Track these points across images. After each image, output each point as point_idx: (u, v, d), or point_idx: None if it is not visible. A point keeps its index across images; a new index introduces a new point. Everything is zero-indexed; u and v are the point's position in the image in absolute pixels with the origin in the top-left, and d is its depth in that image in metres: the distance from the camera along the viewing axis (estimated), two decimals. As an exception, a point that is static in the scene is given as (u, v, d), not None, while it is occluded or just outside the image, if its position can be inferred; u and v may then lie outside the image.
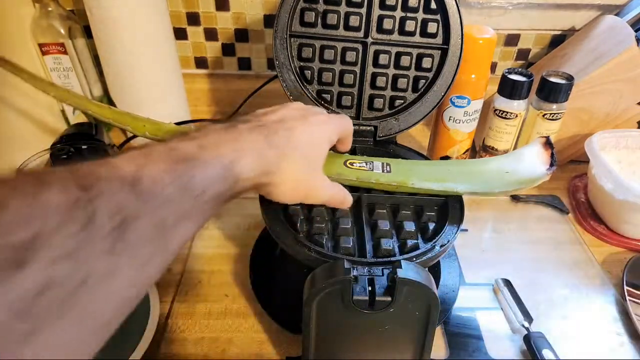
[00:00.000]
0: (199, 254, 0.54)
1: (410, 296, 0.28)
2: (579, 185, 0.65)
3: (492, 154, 0.64)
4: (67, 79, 0.68)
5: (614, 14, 0.69)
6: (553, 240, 0.57)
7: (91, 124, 0.58)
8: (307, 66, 0.51)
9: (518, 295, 0.48)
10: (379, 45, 0.50)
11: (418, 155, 0.52)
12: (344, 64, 0.51)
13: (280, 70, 0.50)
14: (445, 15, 0.48)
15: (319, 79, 0.51)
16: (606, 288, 0.51)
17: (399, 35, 0.50)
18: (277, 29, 0.48)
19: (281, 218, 0.40)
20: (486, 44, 0.53)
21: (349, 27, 0.49)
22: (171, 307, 0.47)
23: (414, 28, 0.49)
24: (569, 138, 0.65)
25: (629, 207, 0.53)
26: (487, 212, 0.62)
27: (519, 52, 0.77)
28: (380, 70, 0.51)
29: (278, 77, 0.50)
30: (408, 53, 0.50)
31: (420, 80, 0.51)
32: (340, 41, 0.50)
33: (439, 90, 0.51)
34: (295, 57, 0.50)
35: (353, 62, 0.51)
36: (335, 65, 0.51)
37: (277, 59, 0.49)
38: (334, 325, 0.35)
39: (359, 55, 0.50)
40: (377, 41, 0.50)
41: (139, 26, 0.61)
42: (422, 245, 0.39)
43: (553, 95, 0.58)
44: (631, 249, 0.55)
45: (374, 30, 0.50)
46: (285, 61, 0.50)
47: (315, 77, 0.51)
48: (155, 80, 0.66)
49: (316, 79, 0.51)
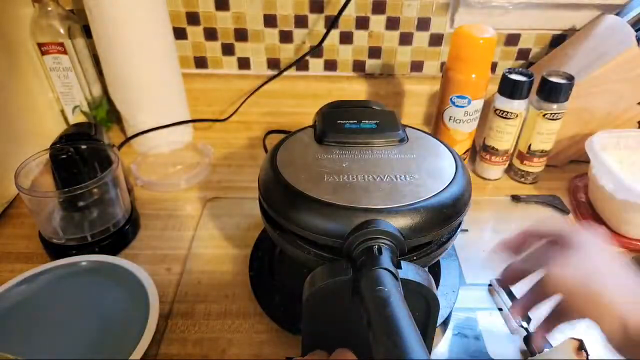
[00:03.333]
0: (199, 254, 0.54)
1: (410, 296, 0.28)
2: (579, 185, 0.65)
3: (493, 154, 0.64)
4: (66, 78, 0.68)
5: (614, 13, 0.69)
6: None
7: (90, 124, 0.58)
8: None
9: (515, 296, 0.47)
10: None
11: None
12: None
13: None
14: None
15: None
16: (607, 288, 0.50)
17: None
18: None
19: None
20: (486, 44, 0.53)
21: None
22: (171, 307, 0.47)
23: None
24: (570, 138, 0.65)
25: (630, 207, 0.53)
26: (488, 212, 0.62)
27: (520, 51, 0.76)
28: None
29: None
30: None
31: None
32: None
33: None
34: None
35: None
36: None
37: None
38: (333, 325, 0.34)
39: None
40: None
41: (139, 26, 0.61)
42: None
43: (553, 95, 0.58)
44: (631, 249, 0.55)
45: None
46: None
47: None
48: (155, 80, 0.66)
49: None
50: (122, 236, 0.54)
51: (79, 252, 0.51)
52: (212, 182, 0.65)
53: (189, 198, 0.62)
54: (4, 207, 0.59)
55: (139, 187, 0.64)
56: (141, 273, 0.47)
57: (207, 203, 0.61)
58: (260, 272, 0.49)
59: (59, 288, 0.47)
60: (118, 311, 0.45)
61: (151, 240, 0.56)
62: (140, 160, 0.68)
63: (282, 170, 0.40)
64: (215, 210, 0.60)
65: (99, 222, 0.53)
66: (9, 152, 0.59)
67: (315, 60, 0.77)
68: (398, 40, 0.75)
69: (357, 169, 0.40)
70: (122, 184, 0.54)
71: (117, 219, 0.54)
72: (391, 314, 0.26)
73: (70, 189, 0.48)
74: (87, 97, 0.71)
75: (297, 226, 0.37)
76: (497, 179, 0.67)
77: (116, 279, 0.48)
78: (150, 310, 0.43)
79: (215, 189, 0.64)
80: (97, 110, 0.73)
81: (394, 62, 0.78)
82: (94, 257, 0.50)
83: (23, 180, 0.50)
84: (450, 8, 0.72)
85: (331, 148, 0.43)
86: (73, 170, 0.52)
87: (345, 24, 0.73)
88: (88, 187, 0.49)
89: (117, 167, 0.52)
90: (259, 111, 0.78)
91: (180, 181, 0.64)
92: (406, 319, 0.26)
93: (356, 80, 0.78)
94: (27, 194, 0.49)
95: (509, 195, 0.64)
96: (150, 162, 0.69)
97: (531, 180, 0.66)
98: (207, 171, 0.67)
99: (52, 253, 0.52)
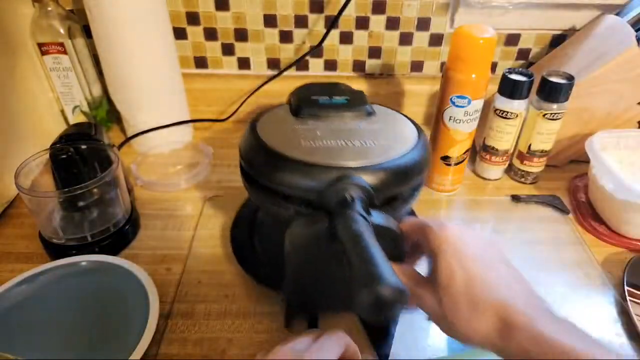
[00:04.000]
0: (199, 253, 0.54)
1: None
2: (579, 185, 0.65)
3: (493, 154, 0.64)
4: (66, 78, 0.68)
5: (614, 13, 0.69)
6: (553, 241, 0.57)
7: (91, 124, 0.57)
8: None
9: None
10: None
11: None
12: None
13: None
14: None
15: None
16: (606, 288, 0.50)
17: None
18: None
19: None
20: (486, 44, 0.53)
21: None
22: (171, 307, 0.47)
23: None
24: (570, 138, 0.65)
25: (630, 207, 0.53)
26: (488, 212, 0.62)
27: (520, 51, 0.76)
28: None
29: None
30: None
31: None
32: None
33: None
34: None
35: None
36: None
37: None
38: (313, 283, 0.40)
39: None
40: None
41: (139, 26, 0.61)
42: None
43: (553, 95, 0.58)
44: (632, 249, 0.55)
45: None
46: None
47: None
48: (155, 80, 0.66)
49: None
50: (122, 236, 0.54)
51: (79, 252, 0.51)
52: (212, 182, 0.65)
53: (189, 198, 0.62)
54: (4, 207, 0.59)
55: (139, 187, 0.64)
56: (141, 273, 0.47)
57: (207, 203, 0.61)
58: (242, 241, 0.53)
59: (59, 288, 0.47)
60: (118, 311, 0.45)
61: (151, 240, 0.56)
62: (140, 160, 0.68)
63: (262, 136, 0.44)
64: (215, 210, 0.60)
65: (99, 222, 0.53)
66: (9, 152, 0.59)
67: (315, 60, 0.77)
68: (398, 40, 0.75)
69: (330, 136, 0.44)
70: (122, 184, 0.54)
71: (117, 219, 0.54)
72: (365, 245, 0.30)
73: (70, 189, 0.48)
74: (87, 97, 0.71)
75: (279, 185, 0.41)
76: (497, 179, 0.67)
77: (116, 279, 0.48)
78: (150, 310, 0.43)
79: (215, 188, 0.64)
80: (97, 110, 0.73)
81: (394, 62, 0.78)
82: (94, 257, 0.50)
83: (23, 180, 0.50)
84: (450, 8, 0.72)
85: (306, 120, 0.47)
86: (73, 170, 0.52)
87: (345, 24, 0.73)
88: (88, 187, 0.49)
89: (117, 167, 0.52)
90: (259, 111, 0.78)
91: (180, 181, 0.64)
92: (379, 250, 0.30)
93: (356, 80, 0.78)
94: (27, 194, 0.49)
95: (509, 195, 0.64)
96: (150, 162, 0.69)
97: (531, 180, 0.66)
98: (207, 171, 0.67)
99: (52, 253, 0.52)
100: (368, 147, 0.43)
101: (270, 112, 0.51)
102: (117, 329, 0.43)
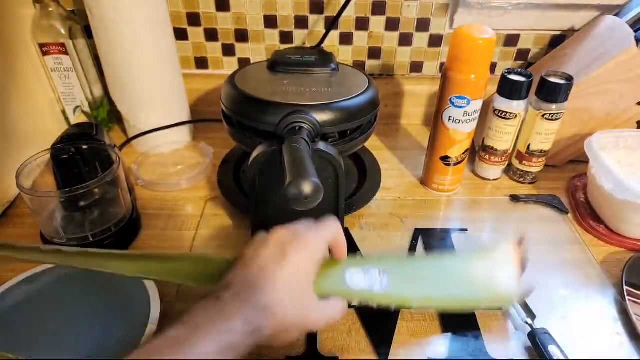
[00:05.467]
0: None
1: (323, 166, 0.41)
2: (578, 185, 0.65)
3: (492, 154, 0.64)
4: (67, 79, 0.68)
5: (613, 14, 0.69)
6: (553, 240, 0.57)
7: (91, 124, 0.58)
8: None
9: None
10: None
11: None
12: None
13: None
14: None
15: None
16: (606, 288, 0.51)
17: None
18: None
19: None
20: (486, 44, 0.53)
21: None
22: (171, 307, 0.47)
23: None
24: (569, 138, 0.65)
25: (629, 207, 0.53)
26: (487, 212, 0.62)
27: (519, 52, 0.77)
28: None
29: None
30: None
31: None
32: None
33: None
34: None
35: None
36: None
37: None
38: (272, 199, 0.50)
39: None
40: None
41: (139, 26, 0.61)
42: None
43: (552, 96, 0.58)
44: (631, 249, 0.55)
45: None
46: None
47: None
48: (155, 81, 0.66)
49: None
50: (123, 236, 0.54)
51: (80, 252, 0.51)
52: (212, 182, 0.65)
53: (189, 198, 0.63)
54: (5, 207, 0.59)
55: (139, 187, 0.64)
56: (142, 273, 0.47)
57: (208, 203, 0.62)
58: (228, 182, 0.62)
59: (59, 288, 0.47)
60: (118, 311, 0.45)
61: (152, 240, 0.56)
62: (141, 160, 0.68)
63: (237, 83, 0.54)
64: (216, 210, 0.60)
65: (100, 222, 0.53)
66: (10, 152, 0.59)
67: (315, 60, 0.77)
68: (397, 40, 0.75)
69: (294, 84, 0.54)
70: (123, 183, 0.54)
71: (118, 219, 0.54)
72: (299, 155, 0.40)
73: (71, 189, 0.48)
74: (88, 98, 0.71)
75: (246, 119, 0.52)
76: (496, 179, 0.67)
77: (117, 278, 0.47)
78: (151, 310, 0.43)
79: (215, 188, 0.64)
80: (98, 111, 0.73)
81: (393, 63, 0.78)
82: (95, 257, 0.50)
83: (24, 180, 0.50)
84: (450, 9, 0.72)
85: (278, 73, 0.57)
86: (74, 170, 0.52)
87: (345, 25, 0.74)
88: (89, 187, 0.49)
89: (118, 167, 0.52)
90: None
91: (181, 181, 0.64)
92: (309, 160, 0.39)
93: (356, 80, 0.78)
94: (29, 193, 0.49)
95: (508, 195, 0.64)
96: (151, 162, 0.69)
97: (530, 180, 0.66)
98: (207, 171, 0.67)
99: (53, 253, 0.52)
100: (322, 92, 0.53)
101: (249, 67, 0.61)
102: (117, 329, 0.43)
